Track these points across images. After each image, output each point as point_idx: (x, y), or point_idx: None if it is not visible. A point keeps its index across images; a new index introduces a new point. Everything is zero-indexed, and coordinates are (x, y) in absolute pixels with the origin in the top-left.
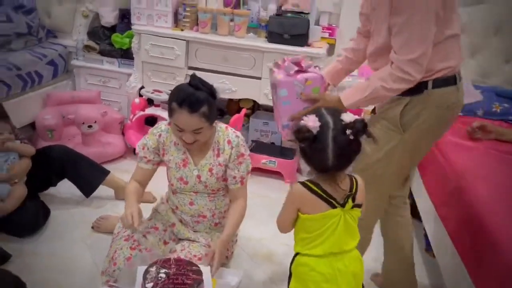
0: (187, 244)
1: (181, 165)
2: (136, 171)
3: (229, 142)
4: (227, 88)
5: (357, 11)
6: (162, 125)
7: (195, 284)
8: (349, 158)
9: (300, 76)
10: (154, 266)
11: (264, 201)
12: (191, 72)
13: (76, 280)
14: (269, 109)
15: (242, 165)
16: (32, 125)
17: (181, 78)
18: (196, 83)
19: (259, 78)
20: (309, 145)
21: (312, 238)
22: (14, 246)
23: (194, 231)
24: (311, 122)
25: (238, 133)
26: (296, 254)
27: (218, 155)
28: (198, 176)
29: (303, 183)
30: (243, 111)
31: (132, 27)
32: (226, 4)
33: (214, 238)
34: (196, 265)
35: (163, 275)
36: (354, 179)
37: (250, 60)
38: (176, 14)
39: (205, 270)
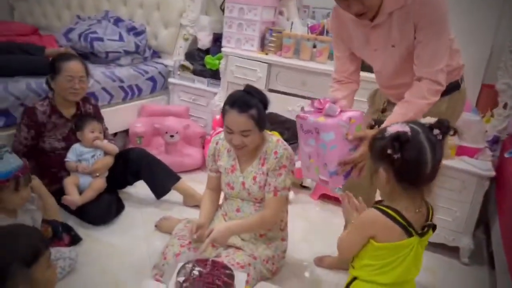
0: (232, 251)
1: (229, 171)
2: (208, 179)
3: (275, 153)
4: None
5: None
6: (221, 134)
7: (224, 287)
8: (439, 163)
9: (344, 115)
10: (191, 263)
11: (328, 227)
12: (271, 94)
13: (126, 270)
14: None
15: (280, 177)
16: (127, 132)
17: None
18: (249, 89)
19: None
20: (406, 151)
21: (380, 266)
22: (85, 232)
23: (241, 240)
24: (400, 128)
25: (289, 147)
26: (354, 278)
27: (263, 164)
28: (243, 183)
29: (379, 209)
30: None
31: (222, 49)
32: (311, 31)
33: (260, 249)
34: (231, 269)
35: (196, 273)
36: (430, 206)
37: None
38: (263, 39)
39: (240, 276)
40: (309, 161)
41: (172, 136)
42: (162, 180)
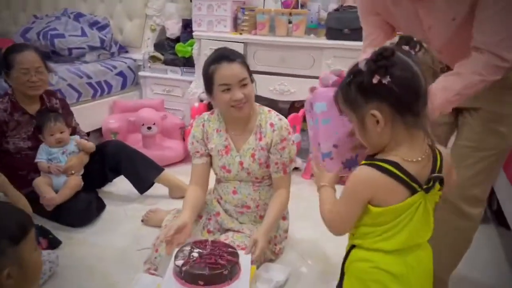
0: (231, 234)
1: (223, 152)
2: (193, 171)
3: (271, 124)
4: (286, 90)
5: None
6: (204, 115)
7: (229, 265)
8: (426, 88)
9: None
10: (189, 246)
11: None
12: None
13: (116, 269)
14: None
15: (285, 151)
16: (100, 132)
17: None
18: (219, 48)
19: (318, 78)
20: (395, 71)
21: (382, 231)
22: (65, 234)
23: (240, 223)
24: (390, 47)
25: (282, 117)
26: (352, 246)
27: (260, 139)
28: (241, 163)
29: (376, 166)
30: (302, 110)
31: (193, 33)
32: (285, 7)
33: None
34: (233, 247)
35: (196, 254)
36: (438, 152)
37: (309, 59)
38: (235, 19)
39: (244, 256)
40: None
41: (149, 128)
42: (143, 172)
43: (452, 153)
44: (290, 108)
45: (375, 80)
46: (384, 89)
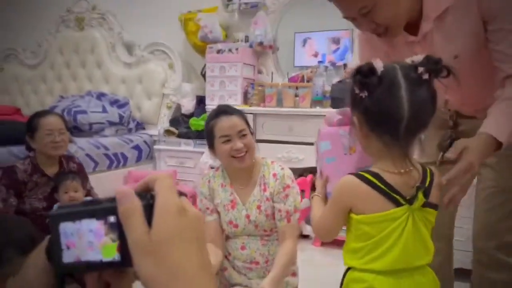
0: None
1: (229, 207)
2: (207, 229)
3: (274, 175)
4: (294, 157)
5: None
6: (210, 172)
7: None
8: (426, 111)
9: (348, 126)
10: None
11: (336, 267)
12: (259, 144)
13: None
14: None
15: (288, 199)
16: None
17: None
18: (224, 105)
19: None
20: (374, 88)
21: (369, 249)
22: None
23: (248, 279)
24: (372, 61)
25: (285, 166)
26: (348, 269)
27: (264, 190)
28: (247, 216)
29: (356, 174)
30: (310, 176)
31: (206, 107)
32: (291, 82)
33: None
34: None
35: None
36: (428, 170)
37: (315, 127)
38: (245, 94)
39: None
40: None
41: None
42: None
43: (477, 199)
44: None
45: (356, 91)
46: (362, 102)
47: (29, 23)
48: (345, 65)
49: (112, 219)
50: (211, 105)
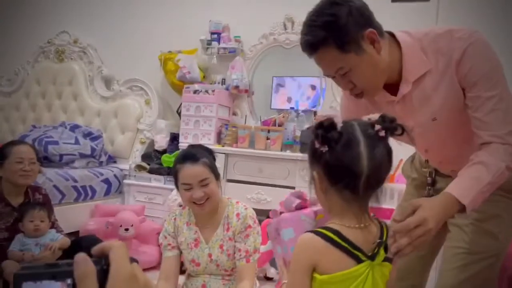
0: None
1: (192, 245)
2: (163, 265)
3: (237, 214)
4: (263, 198)
5: None
6: (176, 210)
7: None
8: (384, 167)
9: (308, 210)
10: None
11: None
12: (230, 184)
13: None
14: None
15: (249, 238)
16: (77, 235)
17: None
18: (193, 145)
19: (293, 188)
20: (334, 144)
21: None
22: None
23: None
24: (331, 116)
25: (248, 206)
26: None
27: (228, 229)
28: (209, 255)
29: (315, 232)
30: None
31: (179, 145)
32: (264, 125)
33: None
34: None
35: None
36: (383, 225)
37: (284, 170)
38: (219, 134)
39: None
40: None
41: (127, 229)
42: None
43: (444, 256)
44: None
45: (316, 145)
46: (323, 157)
47: (8, 51)
48: (315, 113)
49: (69, 281)
50: (184, 142)
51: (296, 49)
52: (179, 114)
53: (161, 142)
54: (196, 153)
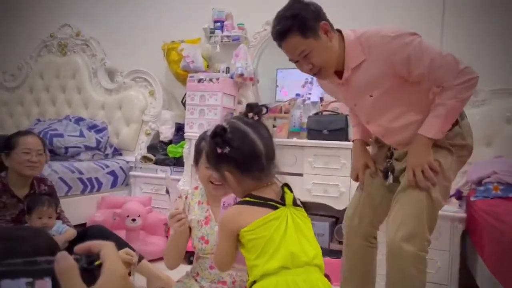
0: None
1: (203, 223)
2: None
3: None
4: None
5: None
6: (188, 190)
7: None
8: (270, 141)
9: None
10: None
11: None
12: None
13: None
14: (313, 207)
15: None
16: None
17: None
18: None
19: (301, 175)
20: (232, 141)
21: (263, 251)
22: None
23: None
24: (217, 124)
25: None
26: (252, 284)
27: None
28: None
29: (234, 205)
30: None
31: (185, 135)
32: (270, 113)
33: None
34: None
35: None
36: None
37: (291, 157)
38: None
39: None
40: None
41: (134, 220)
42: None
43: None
44: None
45: (219, 151)
46: (227, 157)
47: (11, 46)
48: (321, 99)
49: (47, 279)
50: (189, 132)
51: None
52: (184, 104)
53: (167, 133)
54: None
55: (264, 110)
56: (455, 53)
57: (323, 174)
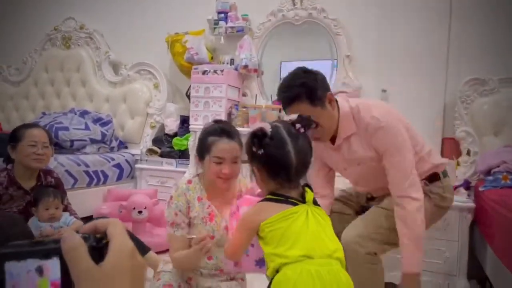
0: None
1: (207, 220)
2: (176, 243)
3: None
4: None
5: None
6: (183, 186)
7: None
8: (307, 156)
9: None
10: None
11: None
12: (242, 165)
13: None
14: None
15: None
16: (91, 219)
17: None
18: (223, 121)
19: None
20: (268, 147)
21: (282, 242)
22: None
23: (216, 281)
24: (261, 125)
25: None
26: (273, 277)
27: None
28: (226, 227)
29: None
30: None
31: (190, 127)
32: (275, 104)
33: (234, 286)
34: None
35: None
36: (306, 184)
37: None
38: (229, 115)
39: None
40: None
41: (140, 212)
42: None
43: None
44: None
45: (254, 149)
46: (259, 157)
47: (15, 40)
48: None
49: (55, 258)
50: (194, 124)
51: (305, 26)
52: (188, 97)
53: (171, 125)
54: (232, 130)
55: (314, 125)
56: (464, 42)
57: None
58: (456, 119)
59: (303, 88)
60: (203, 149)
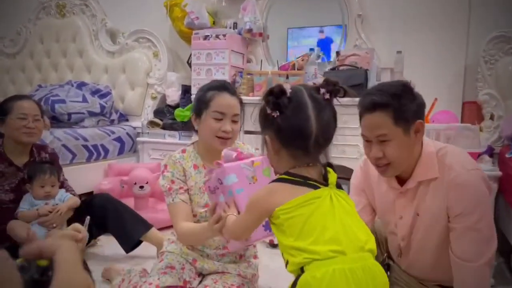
0: (219, 276)
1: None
2: (179, 210)
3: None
4: None
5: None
6: (176, 155)
7: None
8: (329, 127)
9: (246, 160)
10: None
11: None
12: (246, 136)
13: None
14: None
15: None
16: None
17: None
18: (221, 80)
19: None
20: (285, 108)
21: (304, 234)
22: None
23: (222, 264)
24: (281, 83)
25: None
26: (298, 277)
27: None
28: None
29: (273, 181)
30: None
31: (192, 97)
32: (281, 70)
33: (243, 269)
34: None
35: None
36: (328, 163)
37: None
38: (234, 83)
39: None
40: None
41: (141, 187)
42: (130, 228)
43: None
44: None
45: (268, 111)
46: (274, 121)
47: (8, 10)
48: (337, 53)
49: None
50: None
51: None
52: (190, 65)
53: (173, 96)
54: (232, 88)
55: (342, 92)
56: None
57: (342, 134)
58: (478, 81)
59: (395, 101)
60: (201, 105)
